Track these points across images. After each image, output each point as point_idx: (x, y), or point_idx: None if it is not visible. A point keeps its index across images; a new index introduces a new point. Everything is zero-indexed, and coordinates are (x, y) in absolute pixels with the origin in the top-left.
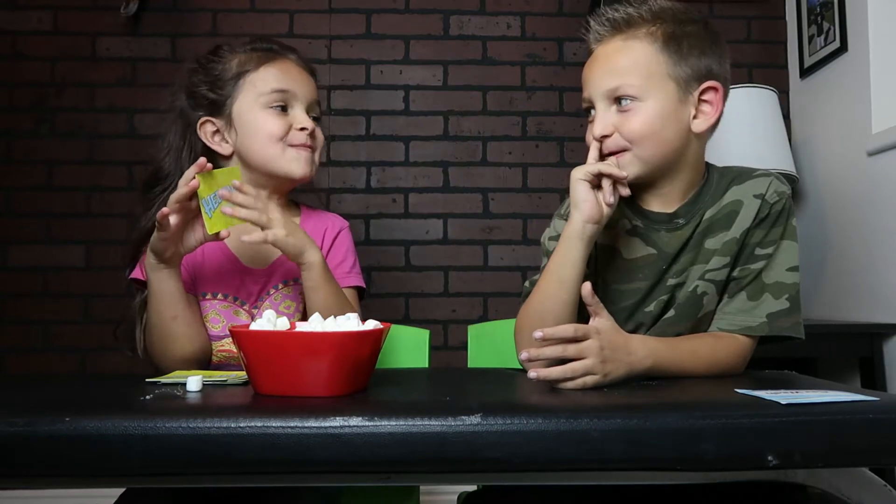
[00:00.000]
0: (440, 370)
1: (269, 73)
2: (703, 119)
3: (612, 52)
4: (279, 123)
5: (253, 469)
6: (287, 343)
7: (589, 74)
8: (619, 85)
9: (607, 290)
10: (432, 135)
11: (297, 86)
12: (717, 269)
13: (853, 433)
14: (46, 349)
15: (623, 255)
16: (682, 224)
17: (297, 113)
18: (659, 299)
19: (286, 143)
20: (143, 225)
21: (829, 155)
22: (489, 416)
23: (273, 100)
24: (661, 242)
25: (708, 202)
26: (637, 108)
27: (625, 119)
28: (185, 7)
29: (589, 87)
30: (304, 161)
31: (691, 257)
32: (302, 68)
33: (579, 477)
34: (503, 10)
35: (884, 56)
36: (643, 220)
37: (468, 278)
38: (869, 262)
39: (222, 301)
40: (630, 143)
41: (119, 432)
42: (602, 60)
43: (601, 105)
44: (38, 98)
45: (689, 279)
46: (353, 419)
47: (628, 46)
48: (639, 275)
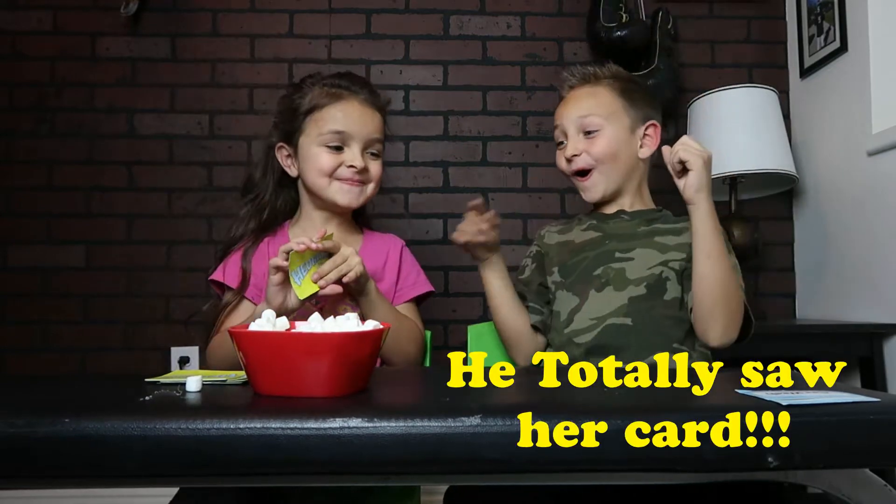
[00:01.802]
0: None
1: (331, 113)
2: (646, 148)
3: (582, 95)
4: (330, 161)
5: (252, 470)
6: (287, 343)
7: (563, 111)
8: (588, 114)
9: (566, 266)
10: (432, 135)
11: (356, 126)
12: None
13: (853, 433)
14: (46, 349)
15: (575, 241)
16: (626, 218)
17: (351, 151)
18: (606, 266)
19: (335, 177)
20: (234, 232)
21: (829, 155)
22: (489, 417)
23: (329, 140)
24: (607, 228)
25: (657, 221)
26: (600, 134)
27: (591, 143)
28: (185, 7)
29: (563, 119)
30: (347, 193)
31: (639, 242)
32: (367, 107)
33: (579, 478)
34: (503, 10)
35: (884, 56)
36: (596, 218)
37: (468, 278)
38: (869, 262)
39: None
40: (595, 162)
41: (119, 433)
42: (574, 100)
43: (572, 132)
44: (38, 98)
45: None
46: (353, 420)
47: (594, 91)
48: (586, 248)
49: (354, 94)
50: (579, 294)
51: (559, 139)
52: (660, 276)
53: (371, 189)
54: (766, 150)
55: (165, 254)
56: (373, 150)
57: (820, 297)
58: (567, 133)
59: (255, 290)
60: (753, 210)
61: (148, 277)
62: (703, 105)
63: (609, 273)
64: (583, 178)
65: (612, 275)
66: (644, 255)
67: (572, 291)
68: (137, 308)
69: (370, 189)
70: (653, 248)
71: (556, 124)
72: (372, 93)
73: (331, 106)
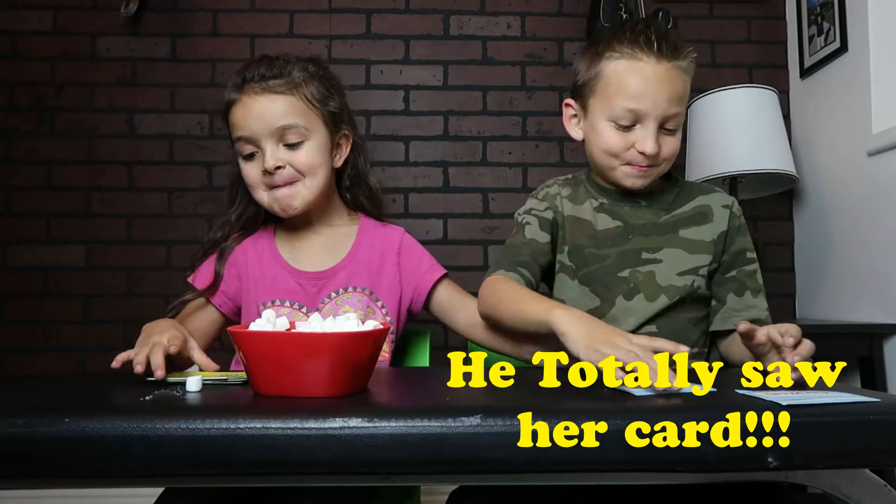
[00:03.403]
0: (440, 370)
1: (233, 118)
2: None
3: (674, 76)
4: (250, 173)
5: (252, 470)
6: (287, 344)
7: (650, 91)
8: (677, 113)
9: (582, 254)
10: (432, 135)
11: (258, 124)
12: (706, 266)
13: (853, 434)
14: (46, 349)
15: (595, 226)
16: (643, 204)
17: (264, 155)
18: (633, 269)
19: (263, 185)
20: (213, 234)
21: (829, 155)
22: (489, 417)
23: (239, 149)
24: (626, 216)
25: (676, 200)
26: (676, 135)
27: (666, 143)
28: (185, 7)
29: (646, 103)
30: (276, 202)
31: (664, 239)
32: (264, 94)
33: (579, 478)
34: (503, 10)
35: (884, 56)
36: (607, 197)
37: (468, 278)
38: (869, 262)
39: (280, 307)
40: (665, 163)
41: (119, 433)
42: (667, 83)
43: (653, 125)
44: (38, 98)
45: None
46: (353, 420)
47: (680, 77)
48: (608, 241)
49: (249, 87)
50: (602, 297)
51: (623, 121)
52: (691, 285)
53: (308, 185)
54: (766, 151)
55: (165, 254)
56: (290, 141)
57: (820, 297)
58: (644, 121)
59: (223, 297)
60: (753, 210)
61: (148, 277)
62: (703, 105)
63: (637, 278)
64: (645, 169)
65: (642, 280)
66: (672, 256)
67: (590, 288)
68: (137, 308)
69: (306, 185)
70: (680, 248)
71: (632, 107)
72: (272, 76)
73: (232, 111)
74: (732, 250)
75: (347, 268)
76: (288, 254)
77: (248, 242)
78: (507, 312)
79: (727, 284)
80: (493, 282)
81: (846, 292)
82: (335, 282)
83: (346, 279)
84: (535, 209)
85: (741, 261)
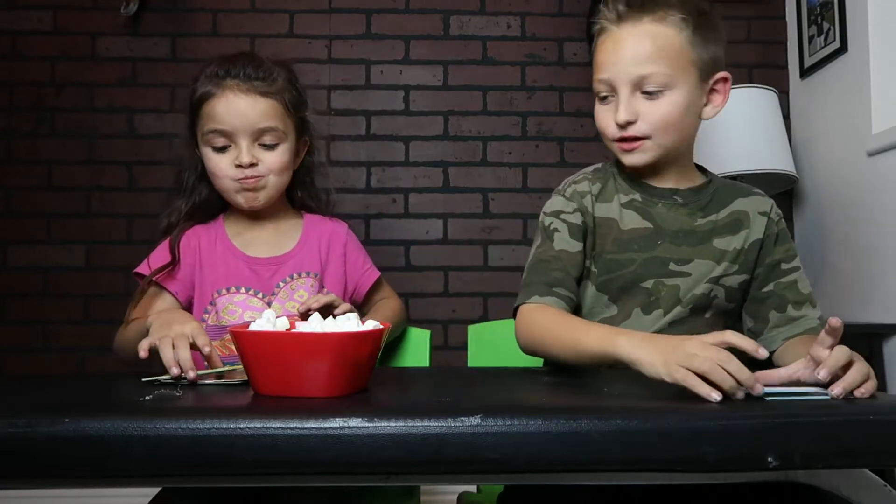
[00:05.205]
0: (440, 370)
1: (210, 109)
2: (712, 107)
3: (642, 35)
4: (220, 164)
5: (252, 470)
6: (286, 344)
7: (612, 57)
8: (651, 73)
9: (602, 259)
10: (432, 135)
11: (239, 121)
12: (730, 276)
13: (853, 434)
14: (46, 349)
15: (620, 225)
16: (679, 203)
17: (238, 149)
18: (657, 280)
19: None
20: (161, 224)
21: (829, 155)
22: (489, 417)
23: (210, 140)
24: (657, 217)
25: (712, 202)
26: (664, 96)
27: (651, 107)
28: (185, 7)
29: (611, 70)
30: (241, 195)
31: (696, 250)
32: (248, 93)
33: (579, 478)
34: (503, 10)
35: (884, 56)
36: (641, 192)
37: (468, 278)
38: (869, 262)
39: (236, 293)
40: (653, 131)
41: (119, 433)
42: (631, 43)
43: (625, 91)
44: (38, 98)
45: (695, 274)
46: (353, 420)
47: (659, 32)
48: (633, 245)
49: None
50: (620, 306)
51: (602, 92)
52: (707, 294)
53: (273, 182)
54: (766, 151)
55: None
56: (267, 142)
57: (819, 297)
58: (617, 89)
59: (180, 285)
60: None
61: None
62: None
63: (660, 290)
64: (629, 143)
65: (664, 293)
66: (700, 268)
67: (609, 296)
68: None
69: (272, 183)
70: (709, 259)
71: (601, 77)
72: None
73: (210, 101)
74: (768, 262)
75: (299, 255)
76: (238, 241)
77: (199, 229)
78: (558, 346)
79: (767, 301)
80: (531, 312)
81: (846, 292)
82: (287, 267)
83: (297, 265)
84: (564, 212)
85: (777, 273)
